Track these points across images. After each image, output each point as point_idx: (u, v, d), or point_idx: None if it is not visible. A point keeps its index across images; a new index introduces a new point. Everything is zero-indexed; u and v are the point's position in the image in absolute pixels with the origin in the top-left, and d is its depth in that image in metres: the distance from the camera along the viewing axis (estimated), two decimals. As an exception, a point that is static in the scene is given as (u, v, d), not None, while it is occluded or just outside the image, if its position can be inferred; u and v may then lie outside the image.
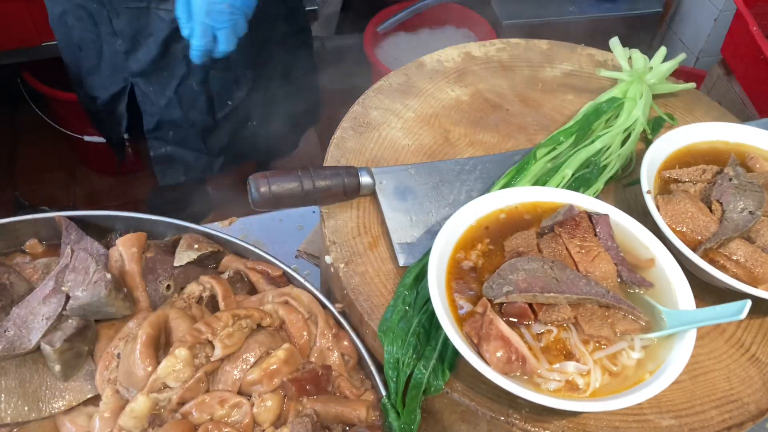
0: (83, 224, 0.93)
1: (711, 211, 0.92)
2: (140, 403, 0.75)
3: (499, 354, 0.73)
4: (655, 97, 1.15)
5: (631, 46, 1.18)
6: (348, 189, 0.94)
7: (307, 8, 1.91)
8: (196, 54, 1.19)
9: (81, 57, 1.54)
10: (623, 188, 1.04)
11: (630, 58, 1.16)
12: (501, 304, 0.78)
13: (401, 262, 0.89)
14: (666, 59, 1.15)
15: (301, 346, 0.85)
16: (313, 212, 1.27)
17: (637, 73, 1.12)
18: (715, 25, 2.69)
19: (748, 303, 0.71)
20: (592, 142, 1.04)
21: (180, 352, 0.77)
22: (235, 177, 1.66)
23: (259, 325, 0.84)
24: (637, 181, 0.95)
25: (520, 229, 0.88)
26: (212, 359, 0.79)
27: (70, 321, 0.81)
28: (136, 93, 1.52)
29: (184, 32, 1.18)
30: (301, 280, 0.92)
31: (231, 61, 1.45)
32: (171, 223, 0.96)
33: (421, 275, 0.87)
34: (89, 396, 0.82)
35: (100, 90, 1.56)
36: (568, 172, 0.99)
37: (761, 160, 1.02)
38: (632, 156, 1.07)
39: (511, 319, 0.77)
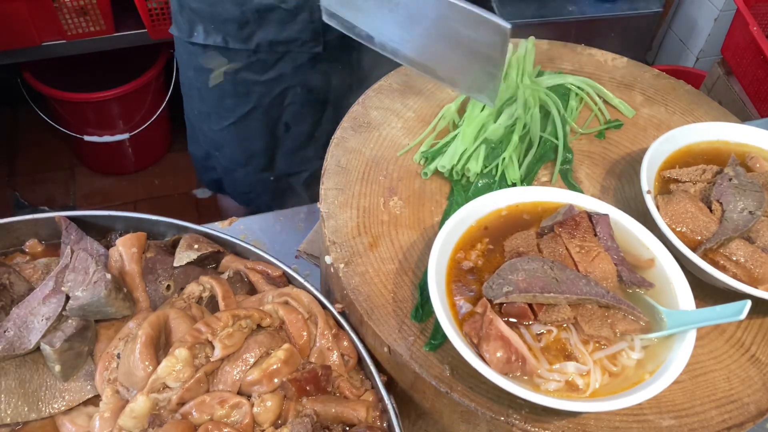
0: (83, 224, 0.93)
1: (711, 211, 0.92)
2: (140, 404, 0.75)
3: (498, 354, 0.73)
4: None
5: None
6: None
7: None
8: None
9: None
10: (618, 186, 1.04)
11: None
12: (501, 304, 0.78)
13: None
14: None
15: (301, 346, 0.85)
16: (314, 212, 1.27)
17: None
18: (715, 25, 2.69)
19: (748, 303, 0.71)
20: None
21: (180, 353, 0.77)
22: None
23: (259, 326, 0.84)
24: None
25: (519, 229, 0.88)
26: (212, 359, 0.79)
27: (70, 321, 0.81)
28: None
29: None
30: (301, 280, 0.92)
31: None
32: (171, 223, 0.96)
33: None
34: (89, 396, 0.82)
35: None
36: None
37: (761, 160, 1.02)
38: None
39: (511, 319, 0.77)
